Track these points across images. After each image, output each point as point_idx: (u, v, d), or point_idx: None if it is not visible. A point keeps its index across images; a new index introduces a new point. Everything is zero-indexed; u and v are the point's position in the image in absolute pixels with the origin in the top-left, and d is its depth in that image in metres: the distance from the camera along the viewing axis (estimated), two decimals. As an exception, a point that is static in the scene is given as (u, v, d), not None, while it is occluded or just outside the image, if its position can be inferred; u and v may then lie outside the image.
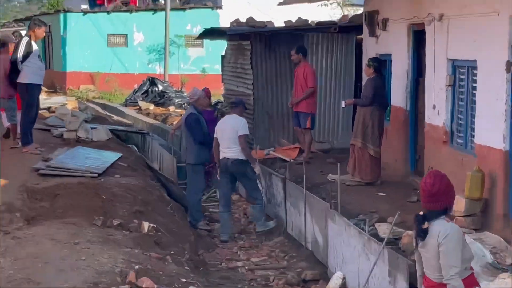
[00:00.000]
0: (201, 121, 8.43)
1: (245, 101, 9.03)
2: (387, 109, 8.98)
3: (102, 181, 7.55)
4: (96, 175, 7.73)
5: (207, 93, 9.79)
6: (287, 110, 11.51)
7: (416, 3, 8.32)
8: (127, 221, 6.28)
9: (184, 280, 5.11)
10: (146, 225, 6.18)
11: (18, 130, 8.62)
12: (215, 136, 8.27)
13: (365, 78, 10.20)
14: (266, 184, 8.96)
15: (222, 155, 8.11)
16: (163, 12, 25.63)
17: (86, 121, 11.56)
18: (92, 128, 10.59)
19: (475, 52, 6.81)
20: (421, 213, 3.67)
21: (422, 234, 3.60)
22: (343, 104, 9.22)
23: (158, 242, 6.04)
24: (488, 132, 6.51)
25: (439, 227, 3.56)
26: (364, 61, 10.51)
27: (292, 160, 10.23)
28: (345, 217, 6.53)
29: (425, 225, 3.57)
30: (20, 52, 8.15)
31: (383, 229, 6.49)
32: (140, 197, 7.27)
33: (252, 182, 8.04)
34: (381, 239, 6.01)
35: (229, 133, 8.09)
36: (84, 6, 28.12)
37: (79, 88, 25.47)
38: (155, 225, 6.37)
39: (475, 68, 6.97)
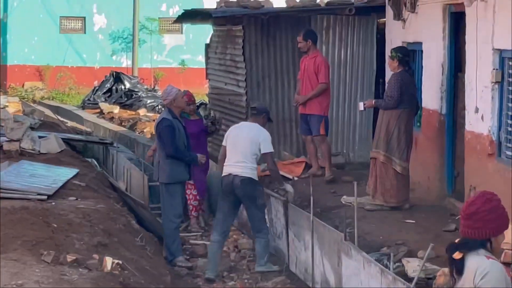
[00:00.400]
0: (176, 128, 8.41)
1: (268, 110, 8.75)
2: (417, 113, 9.02)
3: (53, 205, 7.54)
4: (46, 197, 7.73)
5: (189, 98, 9.76)
6: (290, 114, 11.54)
7: (453, -23, 8.40)
8: (85, 257, 6.28)
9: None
10: (109, 261, 6.18)
11: None
12: (223, 144, 8.29)
13: (389, 74, 10.26)
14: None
15: (227, 170, 8.05)
16: (132, -11, 25.73)
17: (32, 128, 11.57)
18: (40, 137, 10.60)
19: (528, 40, 6.86)
20: (456, 241, 3.68)
21: (456, 267, 3.60)
22: (361, 107, 9.26)
23: (124, 283, 6.03)
24: (545, 142, 6.56)
25: (476, 264, 3.56)
26: (388, 52, 10.59)
27: (296, 178, 10.25)
28: (364, 251, 6.55)
29: (457, 255, 3.57)
30: None
31: (413, 266, 6.51)
32: (102, 226, 7.27)
33: (260, 210, 8.03)
34: (410, 279, 6.02)
35: (244, 144, 8.04)
36: (30, -19, 28.22)
37: (23, 86, 25.49)
38: (120, 262, 6.37)
39: (528, 60, 7.02)
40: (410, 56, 8.86)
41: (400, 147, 8.58)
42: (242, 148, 8.03)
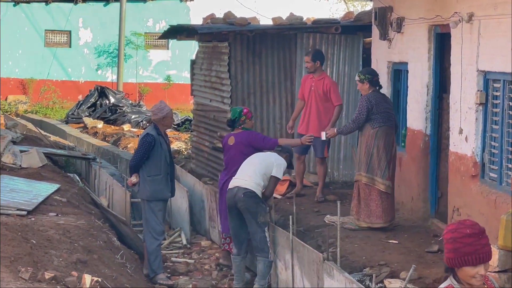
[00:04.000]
0: (158, 144, 8.35)
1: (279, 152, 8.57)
2: (397, 131, 9.03)
3: (32, 220, 7.50)
4: (25, 212, 7.68)
5: (248, 113, 8.76)
6: (274, 132, 11.55)
7: (439, -1, 8.46)
8: (64, 274, 6.23)
9: None
10: (88, 279, 6.14)
11: None
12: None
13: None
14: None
15: (233, 184, 8.09)
16: (118, 3, 25.73)
17: (14, 142, 11.52)
18: (21, 152, 10.55)
19: (512, 62, 6.91)
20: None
21: None
22: (323, 136, 9.21)
23: (103, 302, 6.00)
24: (528, 165, 6.59)
25: None
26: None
27: (280, 197, 10.25)
28: (346, 271, 6.54)
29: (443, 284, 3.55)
30: None
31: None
32: (82, 242, 7.23)
33: (261, 228, 8.01)
34: (391, 301, 6.01)
35: (258, 164, 8.09)
36: (16, -6, 28.21)
37: (6, 99, 25.39)
38: (100, 279, 6.33)
39: (512, 82, 7.06)
40: (378, 75, 8.88)
41: (381, 166, 8.58)
42: (255, 166, 8.07)
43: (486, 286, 3.51)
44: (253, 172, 8.05)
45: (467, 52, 7.73)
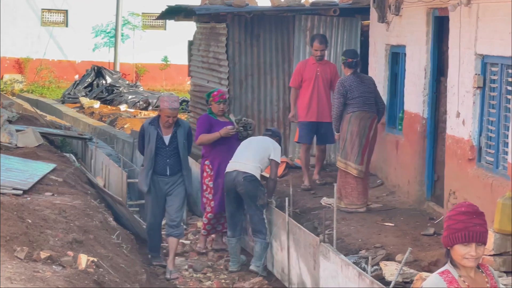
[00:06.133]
0: (148, 134, 8.20)
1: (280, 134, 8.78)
2: (381, 115, 8.95)
3: (28, 200, 7.48)
4: (21, 192, 7.67)
5: (217, 96, 8.78)
6: (272, 114, 11.54)
7: (438, -19, 8.42)
8: (60, 254, 6.23)
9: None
10: (84, 259, 6.14)
11: None
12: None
13: (375, 75, 10.26)
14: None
15: (231, 167, 8.11)
16: (115, -17, 25.60)
17: (10, 122, 11.48)
18: (17, 131, 10.52)
19: (511, 47, 6.89)
20: None
21: None
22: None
23: (99, 282, 6.00)
24: (525, 149, 6.59)
25: None
26: (372, 53, 10.60)
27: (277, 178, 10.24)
28: (342, 254, 6.55)
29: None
30: None
31: (391, 270, 6.52)
32: (78, 222, 7.22)
33: (260, 210, 8.05)
34: (387, 283, 6.03)
35: (256, 147, 8.15)
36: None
37: (2, 78, 25.29)
38: (96, 259, 6.33)
39: (510, 66, 7.05)
40: (356, 57, 8.84)
41: (354, 151, 8.61)
42: (253, 150, 8.13)
43: (484, 275, 3.52)
44: (252, 156, 8.07)
45: (466, 36, 7.71)
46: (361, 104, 8.60)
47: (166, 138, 8.24)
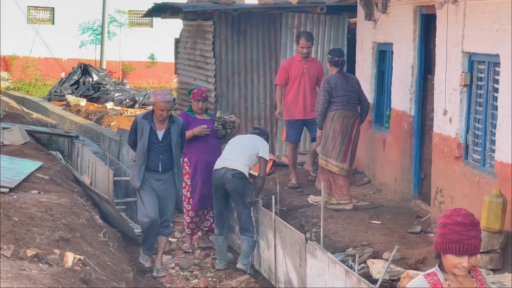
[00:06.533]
0: (140, 128, 8.02)
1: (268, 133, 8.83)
2: (364, 113, 8.94)
3: (14, 198, 7.45)
4: (7, 190, 7.63)
5: (196, 94, 8.79)
6: (259, 112, 11.53)
7: (425, -21, 8.43)
8: (46, 252, 6.21)
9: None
10: (70, 257, 6.12)
11: None
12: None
13: (362, 73, 10.27)
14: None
15: (220, 164, 8.10)
16: (102, -20, 25.52)
17: (-4, 119, 11.42)
18: (4, 129, 10.46)
19: (498, 44, 6.91)
20: None
21: None
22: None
23: (86, 280, 5.98)
24: (512, 147, 6.61)
25: None
26: (359, 50, 10.61)
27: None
28: (329, 252, 6.55)
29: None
30: None
31: (378, 268, 6.53)
32: (64, 220, 7.20)
33: (247, 208, 8.04)
34: (374, 281, 6.03)
35: (245, 145, 8.17)
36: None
37: (-12, 76, 25.17)
38: (82, 257, 6.31)
39: (497, 64, 7.06)
40: (342, 56, 8.87)
41: (335, 149, 8.63)
42: (241, 147, 8.14)
43: (474, 280, 3.50)
44: (240, 153, 8.07)
45: (452, 34, 7.72)
46: (345, 103, 8.64)
47: (160, 133, 8.09)
